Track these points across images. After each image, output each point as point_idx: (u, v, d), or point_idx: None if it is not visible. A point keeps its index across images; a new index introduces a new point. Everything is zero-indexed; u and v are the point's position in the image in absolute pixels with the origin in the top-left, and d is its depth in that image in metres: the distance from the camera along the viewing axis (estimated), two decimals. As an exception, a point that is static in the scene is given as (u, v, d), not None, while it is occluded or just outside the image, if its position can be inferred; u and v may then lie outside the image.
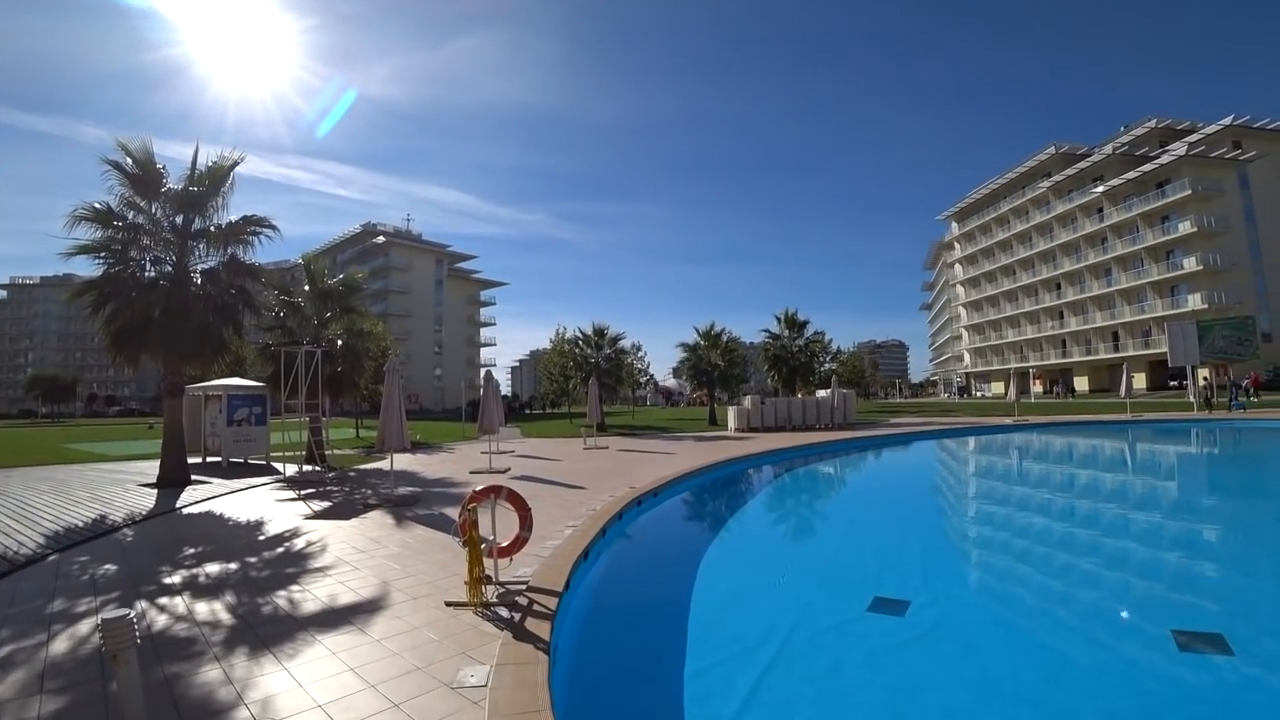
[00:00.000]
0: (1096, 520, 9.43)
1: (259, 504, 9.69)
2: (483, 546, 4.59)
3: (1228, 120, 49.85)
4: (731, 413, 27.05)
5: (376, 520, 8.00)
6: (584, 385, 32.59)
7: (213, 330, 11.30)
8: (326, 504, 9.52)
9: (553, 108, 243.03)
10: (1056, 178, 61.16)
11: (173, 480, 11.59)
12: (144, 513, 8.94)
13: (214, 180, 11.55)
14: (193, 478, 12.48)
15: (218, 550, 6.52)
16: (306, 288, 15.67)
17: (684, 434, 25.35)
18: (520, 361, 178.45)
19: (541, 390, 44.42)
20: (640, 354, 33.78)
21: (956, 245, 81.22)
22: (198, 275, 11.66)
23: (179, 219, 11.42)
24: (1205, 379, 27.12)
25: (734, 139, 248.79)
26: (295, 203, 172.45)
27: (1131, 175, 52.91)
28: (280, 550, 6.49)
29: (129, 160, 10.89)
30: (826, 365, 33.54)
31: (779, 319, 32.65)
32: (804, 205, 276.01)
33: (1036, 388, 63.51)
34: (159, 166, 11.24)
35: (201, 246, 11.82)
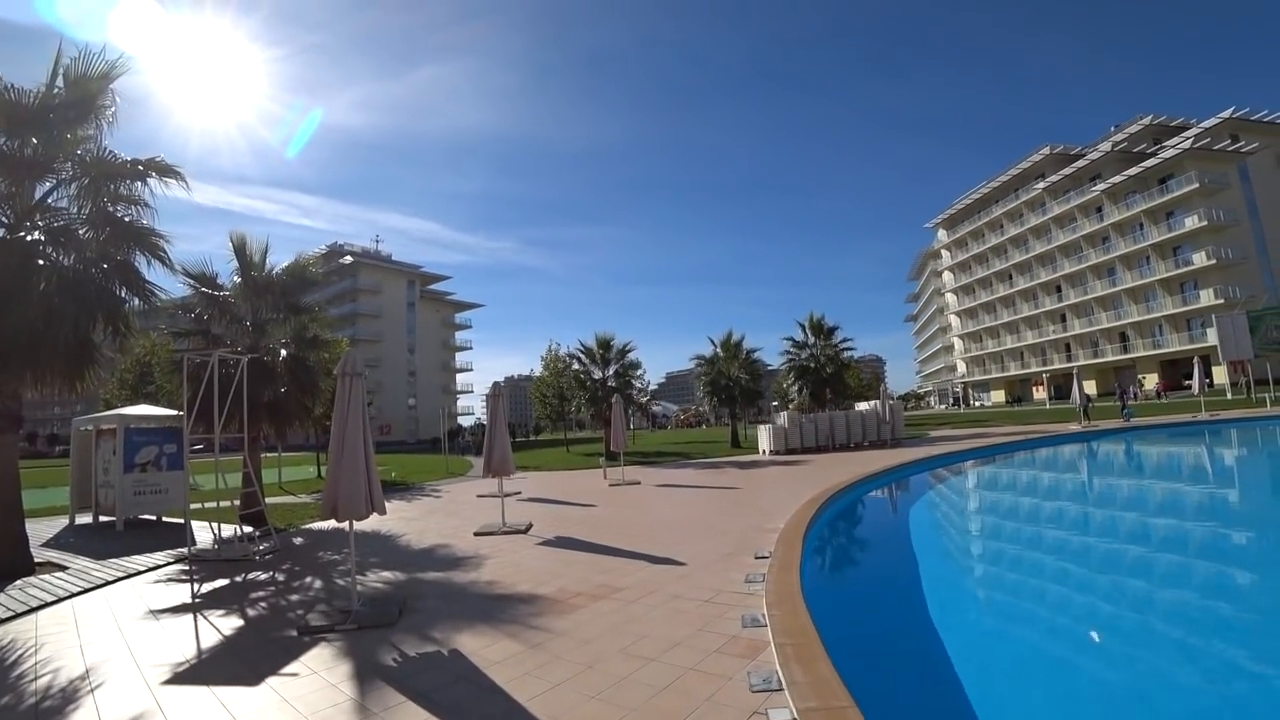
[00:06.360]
0: None
1: (112, 624, 5.37)
2: None
3: (1226, 113, 48.90)
4: (764, 432, 23.08)
5: (318, 683, 3.76)
6: (589, 407, 28.46)
7: (66, 325, 7.01)
8: (234, 622, 5.25)
9: (518, 134, 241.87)
10: (1052, 178, 59.72)
11: (-2, 569, 7.16)
12: None
13: (77, 93, 7.33)
14: (48, 559, 8.10)
15: None
16: (238, 279, 11.37)
17: (715, 459, 21.31)
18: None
19: (536, 414, 39.98)
20: (640, 373, 29.47)
21: (946, 253, 79.58)
22: (39, 235, 7.34)
23: (14, 145, 7.14)
24: (1089, 394, 26.55)
25: (700, 162, 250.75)
26: (260, 234, 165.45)
27: (1133, 172, 51.49)
28: None
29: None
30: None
31: (803, 326, 29.06)
32: (772, 226, 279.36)
33: (1039, 394, 61.32)
34: (-24, 70, 7.03)
35: (56, 194, 7.58)
